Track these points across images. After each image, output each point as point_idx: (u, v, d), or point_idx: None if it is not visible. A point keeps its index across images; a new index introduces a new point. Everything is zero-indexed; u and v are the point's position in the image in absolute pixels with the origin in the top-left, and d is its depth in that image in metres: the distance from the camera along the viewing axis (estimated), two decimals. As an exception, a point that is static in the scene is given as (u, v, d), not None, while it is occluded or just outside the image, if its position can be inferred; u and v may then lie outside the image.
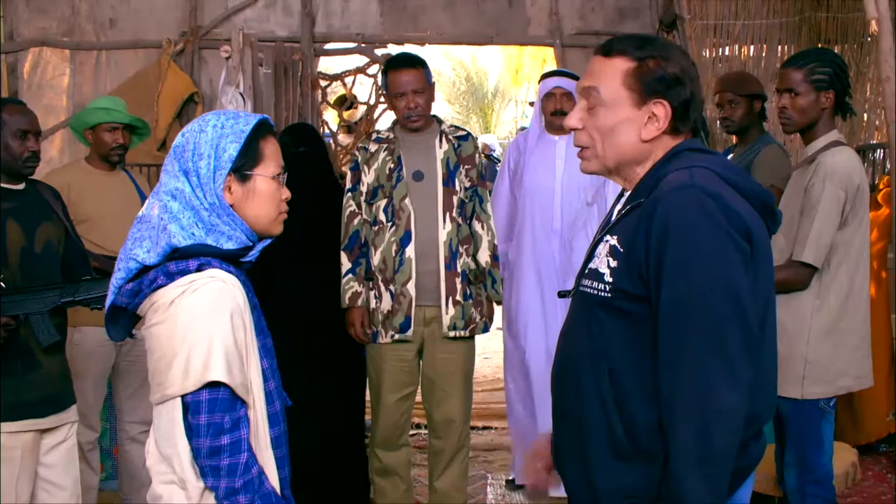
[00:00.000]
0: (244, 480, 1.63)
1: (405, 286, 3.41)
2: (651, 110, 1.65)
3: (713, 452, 1.50)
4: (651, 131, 1.66)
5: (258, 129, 1.76)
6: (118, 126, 3.56)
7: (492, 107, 19.16)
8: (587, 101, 1.69)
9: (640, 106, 1.65)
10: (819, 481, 2.81)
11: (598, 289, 1.64)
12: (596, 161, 1.71)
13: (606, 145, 1.68)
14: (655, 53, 1.65)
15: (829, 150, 2.82)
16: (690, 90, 1.66)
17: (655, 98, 1.64)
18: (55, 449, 2.83)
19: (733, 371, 1.51)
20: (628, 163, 1.69)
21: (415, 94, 3.43)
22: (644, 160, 1.68)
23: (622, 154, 1.68)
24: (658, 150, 1.67)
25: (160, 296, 1.67)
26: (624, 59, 1.66)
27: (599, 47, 1.72)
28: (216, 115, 1.76)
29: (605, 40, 1.78)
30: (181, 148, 1.73)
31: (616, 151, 1.68)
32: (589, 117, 1.69)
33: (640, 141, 1.66)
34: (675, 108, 1.65)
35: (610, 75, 1.66)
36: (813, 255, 2.76)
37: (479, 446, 4.72)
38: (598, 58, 1.70)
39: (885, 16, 3.30)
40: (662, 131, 1.66)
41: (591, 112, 1.69)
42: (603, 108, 1.67)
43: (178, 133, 1.78)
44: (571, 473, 1.72)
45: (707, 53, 5.26)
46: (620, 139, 1.67)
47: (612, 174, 1.73)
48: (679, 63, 1.66)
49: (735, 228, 1.55)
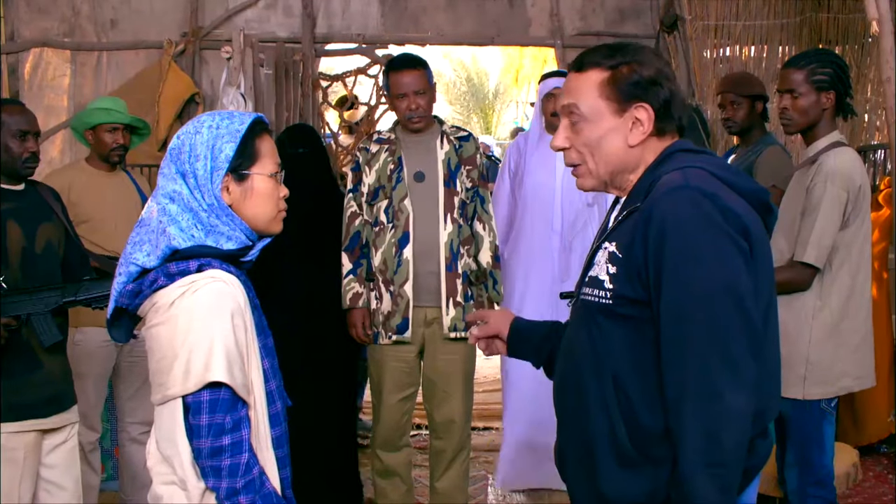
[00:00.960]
0: (245, 481, 1.63)
1: (402, 287, 3.41)
2: (633, 115, 1.66)
3: (722, 454, 1.50)
4: (637, 136, 1.66)
5: (253, 127, 1.76)
6: (118, 126, 3.56)
7: (492, 107, 19.13)
8: (569, 119, 1.70)
9: (620, 114, 1.66)
10: (820, 482, 2.82)
11: (598, 296, 1.64)
12: (590, 177, 1.72)
13: (597, 159, 1.69)
14: (627, 59, 1.66)
15: (831, 151, 2.82)
16: (669, 89, 1.67)
17: (635, 102, 1.65)
18: (57, 449, 2.83)
19: (738, 371, 1.51)
20: (620, 171, 1.69)
21: (416, 95, 3.43)
22: (636, 166, 1.69)
23: (613, 164, 1.69)
24: (648, 153, 1.68)
25: (161, 296, 1.67)
26: (597, 70, 1.67)
27: (572, 63, 1.74)
28: (211, 116, 1.76)
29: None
30: (177, 150, 1.73)
31: (607, 162, 1.69)
32: (574, 135, 1.70)
33: (628, 147, 1.67)
34: (657, 110, 1.66)
35: (586, 89, 1.67)
36: (815, 256, 2.76)
37: (479, 447, 4.71)
38: (573, 74, 1.71)
39: (885, 17, 3.30)
40: (648, 134, 1.66)
41: (574, 129, 1.70)
42: (585, 123, 1.68)
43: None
44: (576, 480, 1.72)
45: (708, 54, 5.26)
46: (608, 149, 1.68)
47: (609, 187, 1.73)
48: (653, 65, 1.67)
49: (733, 227, 1.55)
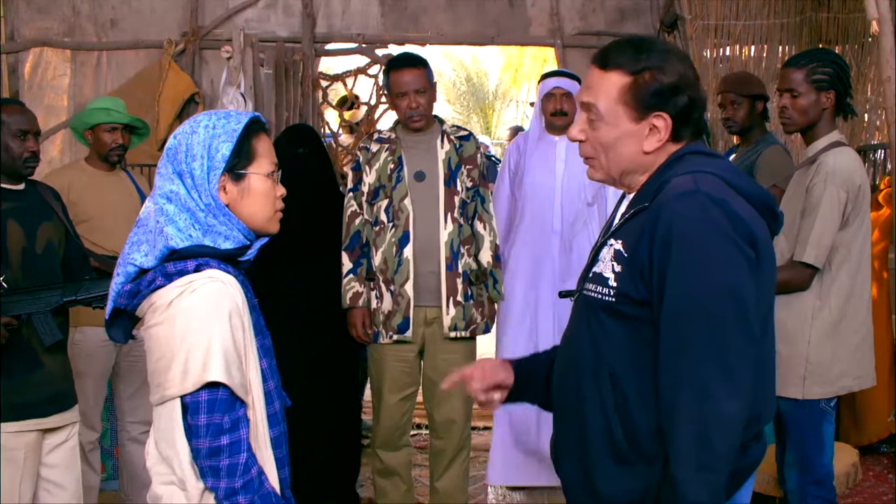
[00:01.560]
0: (244, 481, 1.63)
1: (403, 287, 3.41)
2: (651, 123, 1.65)
3: (712, 458, 1.50)
4: (653, 143, 1.66)
5: (250, 127, 1.75)
6: (118, 126, 3.56)
7: (492, 107, 19.14)
8: (587, 114, 1.70)
9: (638, 121, 1.65)
10: (819, 481, 2.81)
11: (602, 293, 1.64)
12: (601, 171, 1.72)
13: (610, 158, 1.69)
14: (651, 64, 1.64)
15: (831, 151, 2.82)
16: (689, 96, 1.65)
17: (654, 111, 1.64)
18: (57, 449, 2.83)
19: (734, 378, 1.51)
20: (632, 172, 1.70)
21: (416, 94, 3.43)
22: (648, 169, 1.69)
23: (625, 166, 1.69)
24: (662, 157, 1.68)
25: (158, 297, 1.67)
26: (620, 73, 1.65)
27: (597, 56, 1.71)
28: (207, 116, 1.75)
29: (605, 44, 1.77)
30: (174, 150, 1.72)
31: (619, 163, 1.69)
32: (590, 130, 1.69)
33: (643, 153, 1.67)
34: (675, 117, 1.65)
35: (606, 92, 1.66)
36: (814, 256, 2.76)
37: (479, 447, 4.70)
38: (596, 70, 1.69)
39: (885, 16, 3.29)
40: (665, 141, 1.66)
41: (591, 125, 1.69)
42: (602, 124, 1.67)
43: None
44: (571, 476, 1.73)
45: (708, 54, 5.25)
46: (622, 152, 1.67)
47: (617, 183, 1.74)
48: (676, 71, 1.64)
49: (740, 234, 1.55)
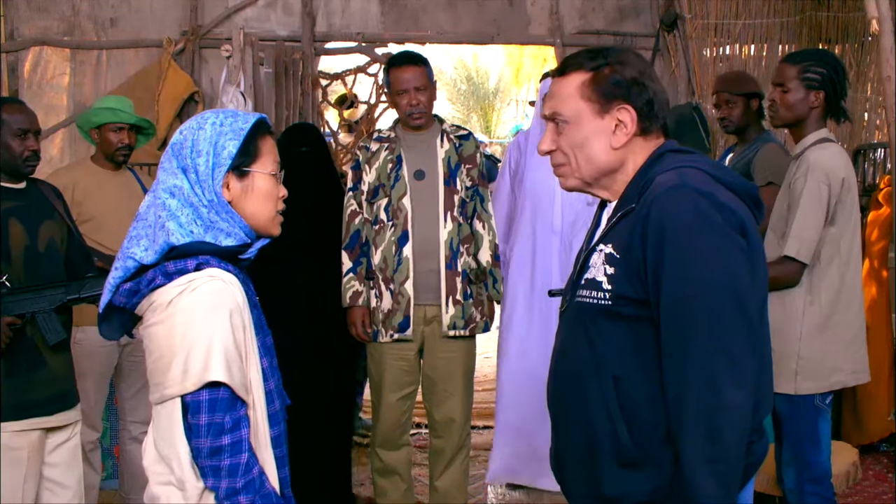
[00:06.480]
0: (245, 481, 1.63)
1: (403, 285, 3.41)
2: (616, 117, 1.66)
3: (723, 451, 1.50)
4: (621, 138, 1.67)
5: (256, 127, 1.77)
6: (124, 126, 3.57)
7: (493, 106, 19.13)
8: (552, 125, 1.71)
9: (603, 115, 1.67)
10: (817, 480, 2.81)
11: (597, 297, 1.64)
12: (573, 177, 1.73)
13: (580, 159, 1.70)
14: (609, 60, 1.67)
15: (815, 146, 2.84)
16: (652, 90, 1.67)
17: (617, 104, 1.66)
18: (59, 448, 2.84)
19: (738, 368, 1.52)
20: (605, 172, 1.70)
21: (417, 92, 3.43)
22: (621, 167, 1.69)
23: (597, 165, 1.69)
24: (633, 154, 1.69)
25: (158, 295, 1.67)
26: (578, 73, 1.68)
27: (555, 70, 1.75)
28: (215, 114, 1.76)
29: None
30: (179, 145, 1.73)
31: (590, 163, 1.69)
32: (559, 137, 1.71)
33: (612, 149, 1.68)
34: (640, 110, 1.66)
35: (568, 93, 1.68)
36: (796, 249, 2.75)
37: (479, 446, 4.71)
38: (556, 79, 1.73)
39: (885, 15, 3.30)
40: (632, 135, 1.67)
41: (559, 131, 1.71)
42: (568, 126, 1.69)
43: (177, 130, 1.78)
44: (575, 482, 1.72)
45: (708, 53, 5.26)
46: (592, 150, 1.68)
47: (592, 187, 1.73)
48: (635, 66, 1.67)
49: (731, 224, 1.56)
